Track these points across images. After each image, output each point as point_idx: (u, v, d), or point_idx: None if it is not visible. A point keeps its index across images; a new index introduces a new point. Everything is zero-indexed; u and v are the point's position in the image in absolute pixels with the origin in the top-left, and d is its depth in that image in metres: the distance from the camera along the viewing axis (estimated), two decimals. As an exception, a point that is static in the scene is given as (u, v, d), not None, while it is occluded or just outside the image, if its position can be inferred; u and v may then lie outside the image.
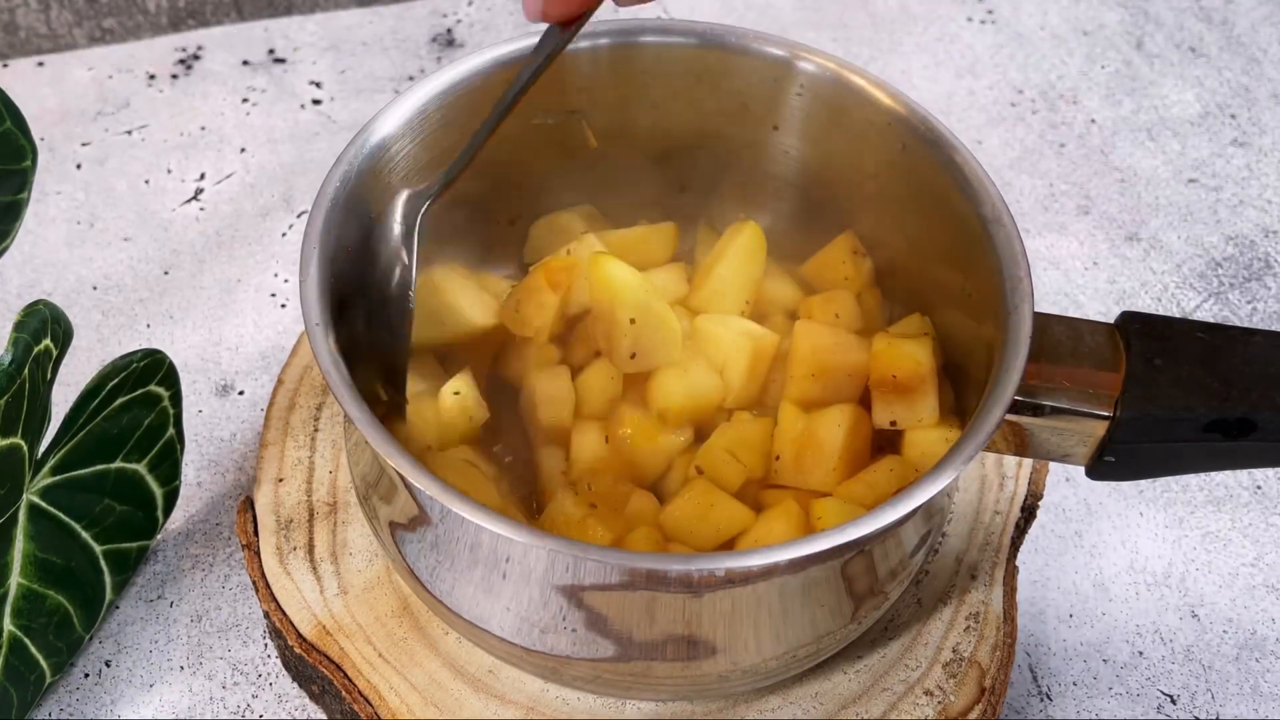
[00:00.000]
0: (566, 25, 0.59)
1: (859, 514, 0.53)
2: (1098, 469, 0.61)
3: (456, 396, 0.65)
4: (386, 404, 0.62)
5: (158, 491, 0.73)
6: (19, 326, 0.62)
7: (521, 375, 0.69)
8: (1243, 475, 0.84)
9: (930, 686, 0.66)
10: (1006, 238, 0.61)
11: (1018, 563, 0.71)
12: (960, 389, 0.67)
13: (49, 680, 0.69)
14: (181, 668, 0.73)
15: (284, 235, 0.94)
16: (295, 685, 0.72)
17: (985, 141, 1.03)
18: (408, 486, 0.57)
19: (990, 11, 1.13)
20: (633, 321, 0.65)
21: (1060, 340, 0.60)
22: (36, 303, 0.63)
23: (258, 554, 0.69)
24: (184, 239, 0.93)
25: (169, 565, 0.77)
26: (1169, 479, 0.83)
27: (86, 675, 0.72)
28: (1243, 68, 1.10)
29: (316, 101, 1.03)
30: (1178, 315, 0.92)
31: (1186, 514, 0.82)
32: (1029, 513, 0.73)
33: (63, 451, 0.68)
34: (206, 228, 0.94)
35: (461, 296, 0.69)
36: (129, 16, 1.07)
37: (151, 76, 1.04)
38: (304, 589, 0.68)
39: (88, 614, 0.70)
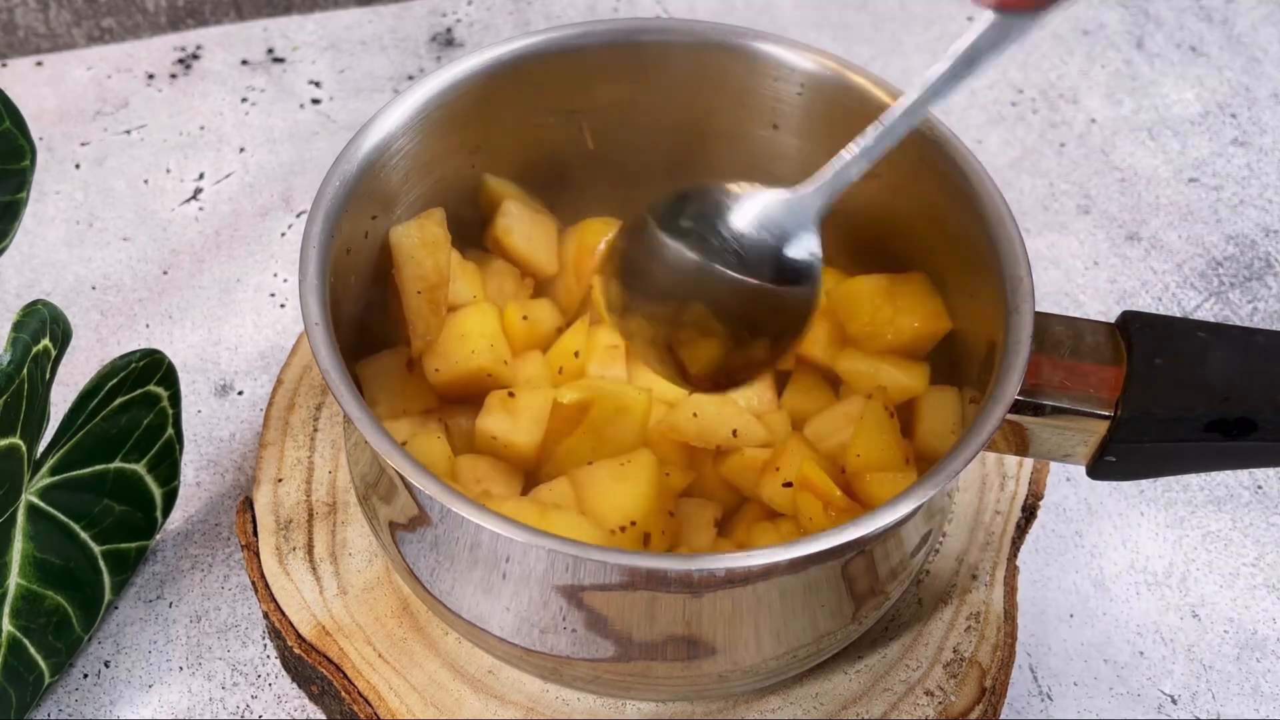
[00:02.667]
0: (1024, 10, 0.53)
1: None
2: (1098, 469, 0.61)
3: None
4: None
5: (157, 492, 0.73)
6: (18, 326, 0.62)
7: None
8: (1243, 475, 0.84)
9: (931, 687, 0.65)
10: (1007, 237, 0.61)
11: (1018, 563, 0.71)
12: (961, 388, 0.67)
13: (48, 681, 0.69)
14: (181, 668, 0.73)
15: (283, 235, 0.94)
16: (295, 686, 0.72)
17: (985, 141, 1.03)
18: (407, 486, 0.57)
19: (990, 11, 1.13)
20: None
21: (1061, 340, 0.60)
22: (35, 303, 0.63)
23: (257, 554, 0.69)
24: (183, 239, 0.93)
25: (168, 565, 0.77)
26: (1170, 479, 0.83)
27: (85, 676, 0.72)
28: (1243, 67, 1.09)
29: (316, 101, 1.03)
30: (1178, 315, 0.92)
31: (1187, 514, 0.82)
32: (1029, 512, 0.73)
33: (61, 451, 0.68)
34: (205, 227, 0.94)
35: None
36: (128, 16, 1.06)
37: (150, 76, 1.04)
38: (303, 589, 0.68)
39: (87, 614, 0.70)
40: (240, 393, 0.85)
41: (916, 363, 0.68)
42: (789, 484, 0.64)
